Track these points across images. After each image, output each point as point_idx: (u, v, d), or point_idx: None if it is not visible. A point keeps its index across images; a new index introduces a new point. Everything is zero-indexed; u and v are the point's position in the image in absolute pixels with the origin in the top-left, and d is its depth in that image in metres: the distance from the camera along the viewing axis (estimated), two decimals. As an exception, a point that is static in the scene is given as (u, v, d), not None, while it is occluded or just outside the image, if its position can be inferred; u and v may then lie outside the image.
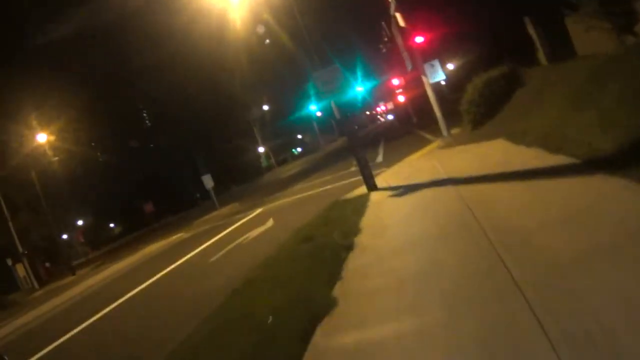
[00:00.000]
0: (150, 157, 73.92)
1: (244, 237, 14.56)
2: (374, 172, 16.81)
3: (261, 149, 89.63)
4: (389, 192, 10.97)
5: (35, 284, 38.07)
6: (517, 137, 10.34)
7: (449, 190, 8.56)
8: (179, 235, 26.44)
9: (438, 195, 8.63)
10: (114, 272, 22.88)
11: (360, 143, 12.25)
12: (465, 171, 9.79)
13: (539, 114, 11.48)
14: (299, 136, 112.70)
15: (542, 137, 8.91)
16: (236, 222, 20.28)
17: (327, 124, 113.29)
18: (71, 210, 74.89)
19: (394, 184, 12.13)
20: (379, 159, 22.65)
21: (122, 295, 12.94)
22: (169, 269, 14.85)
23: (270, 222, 15.60)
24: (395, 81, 45.89)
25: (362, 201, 10.92)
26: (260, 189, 42.38)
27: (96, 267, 36.54)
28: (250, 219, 19.42)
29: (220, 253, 13.44)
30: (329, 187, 19.03)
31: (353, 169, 21.70)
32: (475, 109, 15.73)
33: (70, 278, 34.03)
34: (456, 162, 11.73)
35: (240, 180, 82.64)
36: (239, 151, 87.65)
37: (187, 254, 16.34)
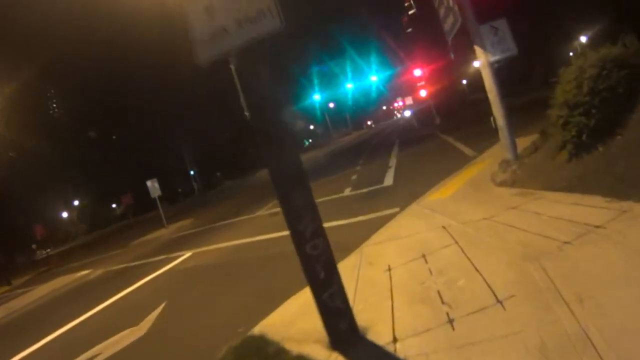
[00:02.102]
0: (141, 145, 66.81)
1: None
2: (373, 213, 9.36)
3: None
4: None
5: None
6: None
7: None
8: (86, 272, 18.72)
9: None
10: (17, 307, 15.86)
11: (308, 200, 3.80)
12: None
13: None
14: (311, 127, 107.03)
15: None
16: (141, 277, 12.76)
17: (340, 115, 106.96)
18: (70, 191, 70.00)
19: (408, 327, 4.15)
20: (388, 179, 14.59)
21: None
22: None
23: (147, 322, 7.85)
24: (417, 72, 37.61)
25: None
26: (240, 192, 34.97)
27: (39, 274, 30.22)
28: (155, 280, 11.96)
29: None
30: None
31: (347, 192, 14.06)
32: (583, 118, 7.66)
33: (5, 288, 28.85)
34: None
35: (241, 172, 76.01)
36: (239, 140, 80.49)
37: None
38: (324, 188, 17.41)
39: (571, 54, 43.92)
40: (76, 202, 79.25)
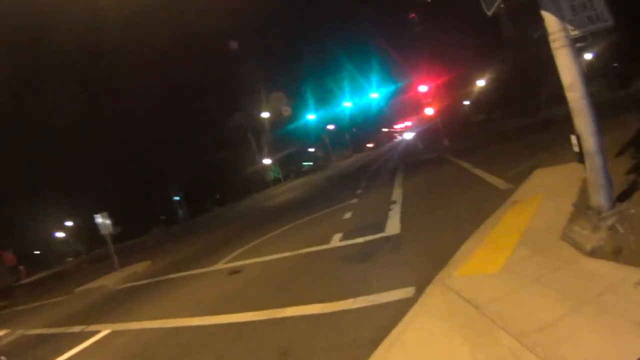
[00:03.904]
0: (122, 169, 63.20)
1: None
2: (369, 295, 6.50)
3: (267, 161, 79.40)
4: None
5: None
6: None
7: None
8: (4, 333, 14.96)
9: None
10: None
11: None
12: None
13: None
14: (312, 149, 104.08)
15: None
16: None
17: (340, 137, 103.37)
18: (63, 210, 67.23)
19: None
20: (392, 223, 10.47)
21: None
22: None
23: None
24: (423, 88, 33.77)
25: None
26: (221, 224, 31.36)
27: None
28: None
29: None
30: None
31: (336, 240, 10.13)
32: None
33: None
34: None
35: (237, 195, 72.18)
36: (234, 163, 76.72)
37: None
38: (308, 231, 13.49)
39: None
40: (69, 223, 76.03)
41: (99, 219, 18.45)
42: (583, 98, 5.22)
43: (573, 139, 5.41)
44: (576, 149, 5.43)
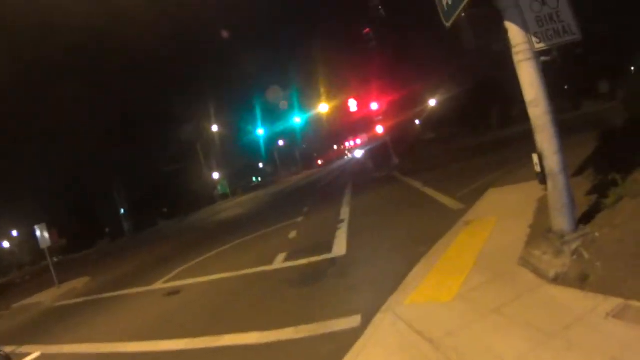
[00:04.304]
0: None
1: None
2: (312, 324, 5.78)
3: (215, 175, 77.79)
4: None
5: None
6: None
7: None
8: None
9: None
10: None
11: None
12: None
13: None
14: (261, 165, 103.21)
15: None
16: None
17: (290, 153, 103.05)
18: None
19: None
20: (339, 244, 9.95)
21: None
22: None
23: None
24: (374, 105, 33.66)
25: None
26: (166, 238, 30.55)
27: None
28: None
29: None
30: None
31: (280, 261, 9.58)
32: None
33: None
34: None
35: (185, 210, 70.35)
36: (182, 176, 74.97)
37: None
38: (252, 249, 12.90)
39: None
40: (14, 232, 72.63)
41: (38, 232, 17.28)
42: (546, 114, 4.87)
43: (535, 157, 5.03)
44: (538, 168, 5.04)
